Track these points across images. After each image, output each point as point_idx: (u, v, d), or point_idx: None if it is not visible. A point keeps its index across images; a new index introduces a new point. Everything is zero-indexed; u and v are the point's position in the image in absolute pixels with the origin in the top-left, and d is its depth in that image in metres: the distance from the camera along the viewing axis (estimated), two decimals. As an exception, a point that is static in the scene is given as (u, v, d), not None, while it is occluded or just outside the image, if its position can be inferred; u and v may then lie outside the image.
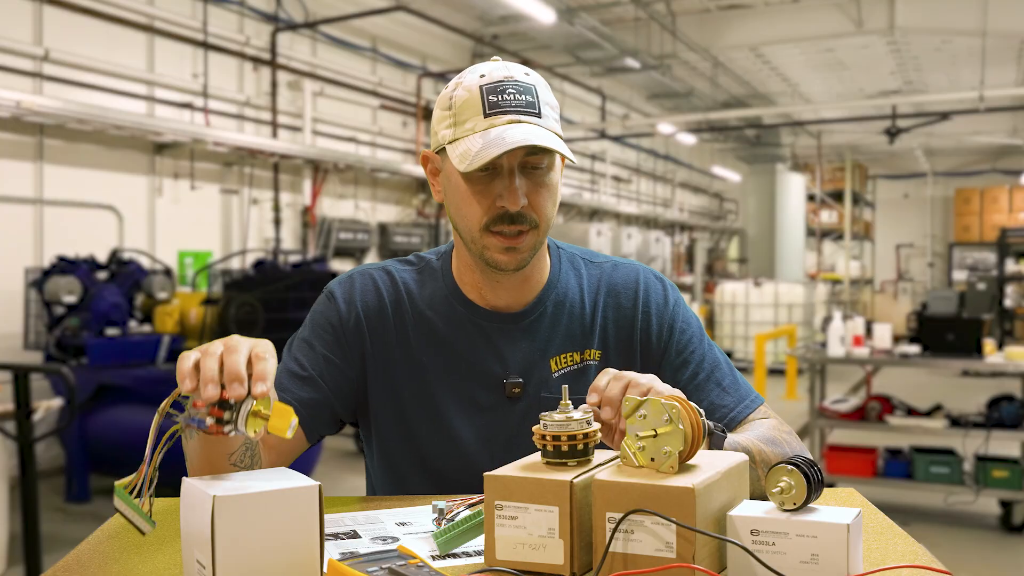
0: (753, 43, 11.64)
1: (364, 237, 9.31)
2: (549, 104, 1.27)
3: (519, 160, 1.23)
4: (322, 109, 9.07)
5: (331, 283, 1.40)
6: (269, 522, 0.86)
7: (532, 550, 0.94)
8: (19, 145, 6.44)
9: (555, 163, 1.29)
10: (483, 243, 1.26)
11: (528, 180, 1.25)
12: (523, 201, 1.23)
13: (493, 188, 1.24)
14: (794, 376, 9.88)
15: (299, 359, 1.32)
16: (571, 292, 1.38)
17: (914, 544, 1.04)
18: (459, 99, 1.24)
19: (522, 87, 1.24)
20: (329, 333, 1.34)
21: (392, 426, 1.35)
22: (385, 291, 1.37)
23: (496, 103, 1.22)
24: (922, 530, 4.86)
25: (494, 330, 1.34)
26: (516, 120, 1.21)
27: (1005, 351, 5.18)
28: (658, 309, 1.38)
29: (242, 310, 5.29)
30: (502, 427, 1.33)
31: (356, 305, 1.35)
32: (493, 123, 1.21)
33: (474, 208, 1.25)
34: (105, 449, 5.33)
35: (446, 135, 1.25)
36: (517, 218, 1.24)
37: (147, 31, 7.29)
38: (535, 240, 1.27)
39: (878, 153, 19.12)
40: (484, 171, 1.23)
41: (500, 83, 1.23)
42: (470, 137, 1.22)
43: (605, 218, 14.21)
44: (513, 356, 1.33)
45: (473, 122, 1.22)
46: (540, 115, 1.24)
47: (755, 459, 1.18)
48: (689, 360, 1.35)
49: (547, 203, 1.27)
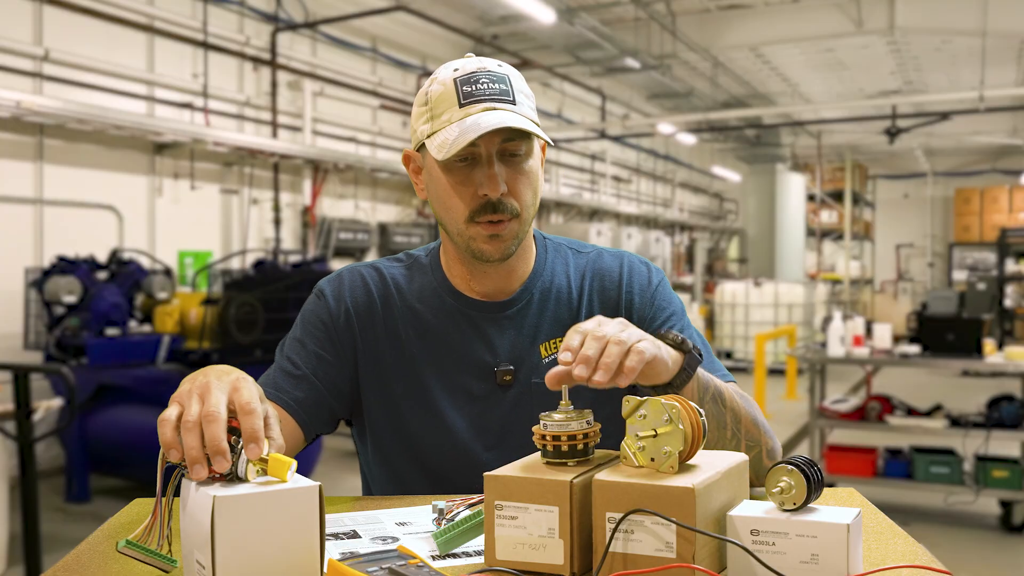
0: (753, 43, 11.64)
1: (364, 237, 9.31)
2: (523, 92, 1.28)
3: (497, 147, 1.24)
4: (322, 109, 9.08)
5: (320, 282, 1.41)
6: (269, 522, 0.86)
7: (532, 550, 0.94)
8: (19, 145, 6.44)
9: (533, 150, 1.29)
10: (468, 234, 1.28)
11: (507, 167, 1.26)
12: (503, 187, 1.24)
13: (473, 178, 1.25)
14: (794, 376, 9.88)
15: (291, 358, 1.33)
16: (558, 279, 1.39)
17: (914, 544, 1.04)
18: (434, 93, 1.26)
19: (495, 76, 1.25)
20: (320, 331, 1.35)
21: (386, 420, 1.36)
22: (374, 287, 1.38)
23: (470, 92, 1.23)
24: (922, 530, 4.86)
25: (483, 319, 1.35)
26: (491, 107, 1.23)
27: (1005, 351, 5.18)
28: (641, 289, 1.39)
29: (242, 310, 5.29)
30: (494, 415, 1.33)
31: (345, 301, 1.36)
32: (468, 112, 1.22)
33: (456, 200, 1.27)
34: (105, 449, 5.33)
35: (424, 130, 1.27)
36: (499, 206, 1.25)
37: (147, 31, 7.29)
38: (518, 228, 1.28)
39: (878, 153, 19.12)
40: (463, 161, 1.24)
41: (473, 74, 1.25)
42: (447, 128, 1.23)
43: (605, 218, 14.21)
44: (502, 344, 1.34)
45: (449, 113, 1.23)
46: (515, 102, 1.25)
47: (726, 402, 1.20)
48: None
49: (527, 190, 1.28)
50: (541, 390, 1.31)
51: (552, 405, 0.99)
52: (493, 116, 1.21)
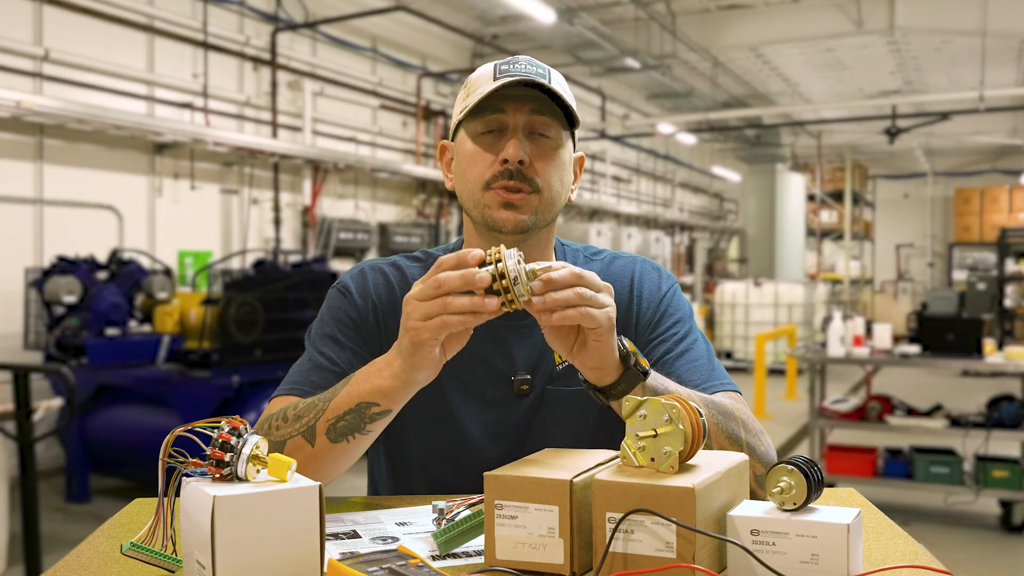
0: (753, 43, 11.64)
1: (364, 237, 9.31)
2: (563, 84, 1.29)
3: (524, 120, 1.24)
4: (322, 109, 9.07)
5: (342, 277, 1.39)
6: (269, 522, 0.86)
7: (532, 550, 0.94)
8: (19, 145, 6.44)
9: (563, 139, 1.29)
10: (484, 201, 1.26)
11: (534, 145, 1.25)
12: (523, 154, 1.23)
13: (497, 146, 1.25)
14: (794, 376, 9.88)
15: (325, 352, 1.31)
16: None
17: (914, 544, 1.04)
18: (473, 77, 1.28)
19: (535, 62, 1.28)
20: (351, 327, 1.33)
21: (398, 422, 1.35)
22: (397, 286, 1.36)
23: (507, 70, 1.25)
24: (922, 530, 4.86)
25: (502, 326, 1.33)
26: (525, 78, 1.23)
27: (1005, 351, 5.18)
28: (650, 294, 1.38)
29: (242, 310, 5.29)
30: (509, 422, 1.33)
31: (372, 298, 1.35)
32: (500, 81, 1.23)
33: (477, 167, 1.26)
34: (105, 449, 5.33)
35: (459, 110, 1.28)
36: (517, 175, 1.24)
37: (147, 31, 7.29)
38: (538, 204, 1.26)
39: (878, 153, 19.12)
40: (489, 132, 1.25)
41: (514, 58, 1.28)
42: (476, 94, 1.24)
43: (605, 218, 14.21)
44: (519, 353, 1.34)
45: (483, 88, 1.24)
46: (550, 81, 1.26)
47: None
48: (668, 339, 1.35)
49: (552, 171, 1.27)
50: (555, 397, 1.31)
51: (566, 413, 1.00)
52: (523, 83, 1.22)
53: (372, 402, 1.13)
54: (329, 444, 1.15)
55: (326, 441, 1.15)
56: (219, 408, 4.94)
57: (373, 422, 1.14)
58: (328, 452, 1.15)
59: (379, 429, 1.16)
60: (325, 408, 1.15)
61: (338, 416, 1.14)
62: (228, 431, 0.90)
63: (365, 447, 1.19)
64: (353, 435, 1.15)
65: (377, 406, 1.13)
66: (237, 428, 0.91)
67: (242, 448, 0.89)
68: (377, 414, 1.14)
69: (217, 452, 0.89)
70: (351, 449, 1.16)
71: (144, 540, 0.93)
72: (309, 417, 1.16)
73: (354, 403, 1.14)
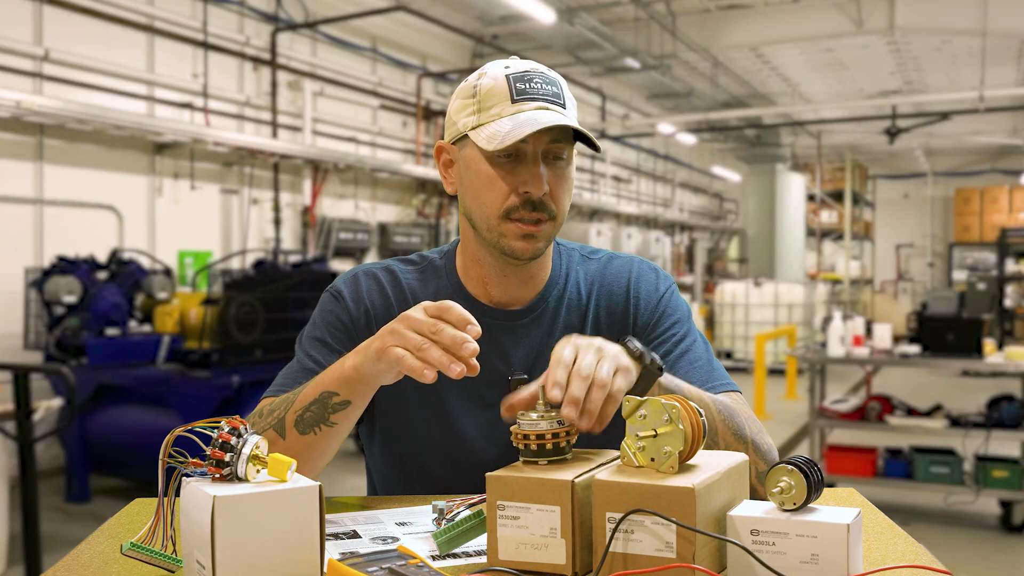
0: (753, 43, 11.64)
1: (364, 237, 9.31)
2: (571, 100, 1.29)
3: (543, 147, 1.24)
4: (322, 109, 9.07)
5: (336, 282, 1.40)
6: (269, 522, 0.86)
7: (534, 550, 0.94)
8: (19, 145, 6.44)
9: (572, 158, 1.30)
10: (500, 230, 1.26)
11: (550, 170, 1.26)
12: (546, 188, 1.24)
13: (516, 174, 1.24)
14: (794, 376, 9.88)
15: (314, 356, 1.32)
16: (570, 286, 1.39)
17: (914, 544, 1.04)
18: (484, 87, 1.25)
19: (548, 78, 1.27)
20: (341, 332, 1.34)
21: (396, 423, 1.36)
22: (390, 290, 1.37)
23: (524, 90, 1.23)
24: (922, 530, 4.86)
25: (498, 327, 1.34)
26: (544, 107, 1.23)
27: (1005, 351, 5.18)
28: (647, 295, 1.38)
29: (242, 310, 5.29)
30: (505, 423, 1.32)
31: (365, 303, 1.36)
32: (521, 108, 1.22)
33: (495, 194, 1.25)
34: (105, 449, 5.33)
35: (468, 122, 1.25)
36: (539, 206, 1.24)
37: (147, 31, 7.29)
38: (552, 231, 1.28)
39: (878, 153, 19.12)
40: (507, 157, 1.24)
41: (526, 72, 1.25)
42: (498, 121, 1.22)
43: (605, 218, 14.20)
44: (516, 354, 1.34)
45: (500, 107, 1.23)
46: (565, 107, 1.26)
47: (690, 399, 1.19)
48: (667, 340, 1.35)
49: (565, 195, 1.28)
50: None
51: None
52: (548, 115, 1.21)
53: (333, 391, 1.15)
54: (299, 436, 1.17)
55: (296, 434, 1.17)
56: (219, 408, 4.93)
57: (336, 412, 1.16)
58: (299, 445, 1.17)
59: (344, 424, 1.17)
60: (295, 400, 1.18)
61: (305, 407, 1.17)
62: (228, 431, 0.90)
63: (334, 443, 1.20)
64: (319, 426, 1.16)
65: (337, 395, 1.15)
66: (237, 428, 0.91)
67: (242, 448, 0.89)
68: (338, 404, 1.15)
69: (217, 452, 0.89)
70: (320, 443, 1.18)
71: (144, 540, 0.93)
72: (280, 410, 1.19)
73: (318, 392, 1.16)
